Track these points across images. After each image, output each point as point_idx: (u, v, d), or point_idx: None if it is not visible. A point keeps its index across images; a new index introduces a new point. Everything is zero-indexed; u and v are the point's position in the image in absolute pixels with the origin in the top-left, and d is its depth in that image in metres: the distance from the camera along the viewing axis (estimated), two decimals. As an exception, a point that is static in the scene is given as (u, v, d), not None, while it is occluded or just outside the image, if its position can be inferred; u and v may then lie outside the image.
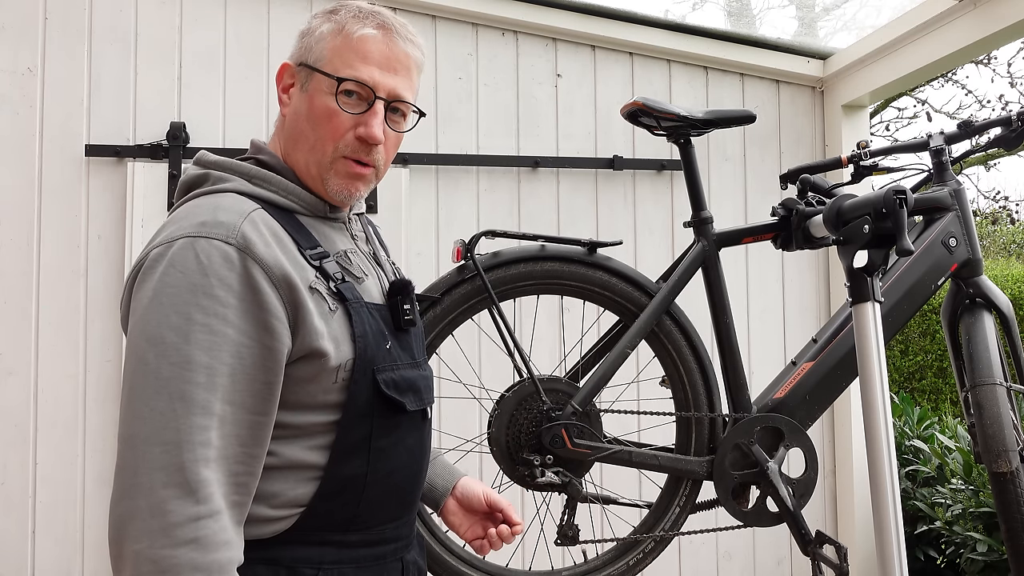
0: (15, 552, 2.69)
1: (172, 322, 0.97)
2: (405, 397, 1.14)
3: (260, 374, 1.01)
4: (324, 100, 1.13)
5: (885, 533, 1.64)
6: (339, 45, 1.13)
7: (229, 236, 1.01)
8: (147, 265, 1.02)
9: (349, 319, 1.09)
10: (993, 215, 8.71)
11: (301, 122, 1.15)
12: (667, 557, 2.99)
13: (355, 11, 1.16)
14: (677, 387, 1.88)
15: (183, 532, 0.93)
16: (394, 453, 1.14)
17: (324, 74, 1.13)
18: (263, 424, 1.02)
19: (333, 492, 1.08)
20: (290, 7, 2.96)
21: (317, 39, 1.15)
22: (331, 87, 1.13)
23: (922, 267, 1.91)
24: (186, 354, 0.96)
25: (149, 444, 0.94)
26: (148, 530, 0.92)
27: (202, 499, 0.94)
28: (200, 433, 0.95)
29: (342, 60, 1.13)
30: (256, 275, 1.01)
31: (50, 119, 2.80)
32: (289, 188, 1.14)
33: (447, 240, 3.00)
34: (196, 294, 0.98)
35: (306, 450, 1.07)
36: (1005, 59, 9.16)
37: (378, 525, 1.14)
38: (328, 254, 1.12)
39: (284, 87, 1.18)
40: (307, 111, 1.14)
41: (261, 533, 1.04)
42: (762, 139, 3.25)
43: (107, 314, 2.78)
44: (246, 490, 1.01)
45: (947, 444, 3.27)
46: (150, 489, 0.93)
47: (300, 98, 1.16)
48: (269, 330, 1.01)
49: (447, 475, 1.42)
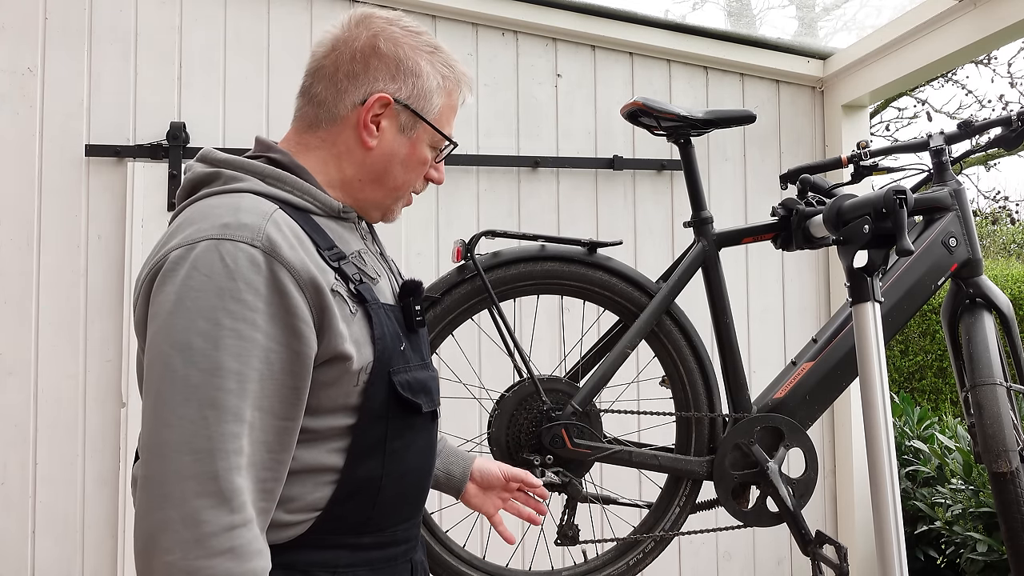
0: (15, 552, 2.69)
1: (200, 327, 0.95)
2: (419, 398, 1.13)
3: (288, 379, 1.00)
4: (424, 151, 1.20)
5: (885, 533, 1.64)
6: (447, 107, 1.22)
7: (255, 239, 0.99)
8: (167, 267, 0.99)
9: (369, 321, 1.08)
10: (993, 215, 8.70)
11: (394, 164, 1.18)
12: (667, 557, 2.99)
13: (456, 69, 1.22)
14: (677, 387, 1.88)
15: (219, 542, 0.91)
16: (407, 454, 1.13)
17: (438, 132, 1.20)
18: (290, 430, 1.01)
19: (349, 495, 1.07)
20: (290, 7, 2.96)
21: (426, 91, 1.18)
22: (435, 143, 1.21)
23: (922, 267, 1.91)
24: (216, 360, 0.94)
25: (180, 453, 0.92)
26: (181, 541, 0.90)
27: (236, 508, 0.93)
28: (232, 441, 0.94)
29: (447, 120, 1.22)
30: (283, 278, 0.99)
31: (50, 119, 2.80)
32: (304, 188, 1.12)
33: (447, 240, 3.00)
34: (224, 298, 0.96)
35: (325, 453, 1.06)
36: (1005, 59, 9.17)
37: (391, 527, 1.14)
38: (345, 255, 1.11)
39: (375, 118, 1.16)
40: (406, 156, 1.18)
41: (277, 538, 1.03)
42: (762, 139, 3.25)
43: (107, 314, 2.78)
44: (272, 496, 1.00)
45: (947, 444, 3.27)
46: (182, 499, 0.91)
47: (399, 141, 1.17)
48: (297, 334, 1.00)
49: (461, 460, 1.46)
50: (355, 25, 1.17)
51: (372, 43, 1.15)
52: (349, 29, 1.17)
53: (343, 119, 1.15)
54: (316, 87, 1.16)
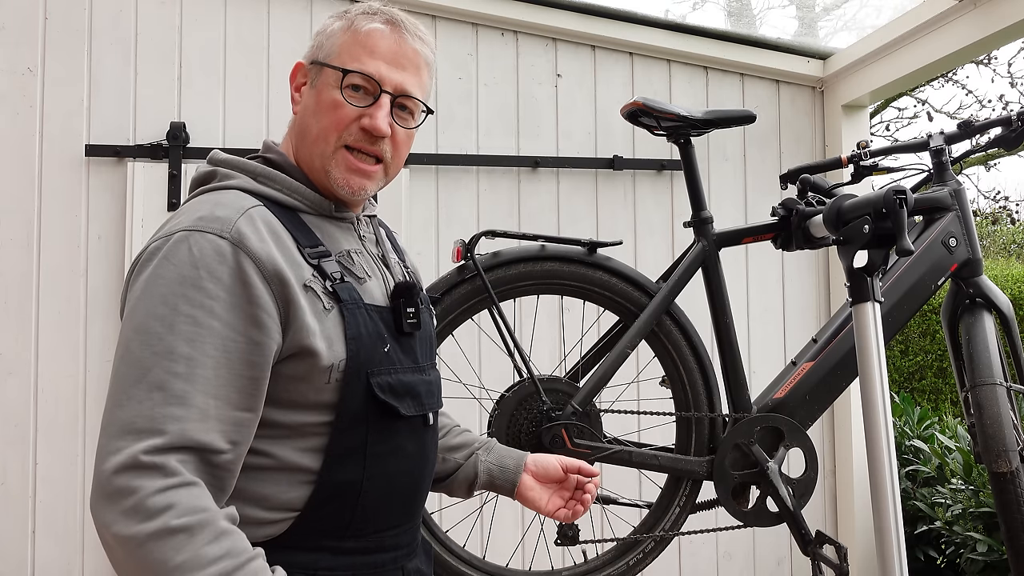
0: (15, 552, 2.69)
1: (158, 312, 0.98)
2: (401, 402, 1.12)
3: (246, 369, 1.00)
4: (331, 93, 1.14)
5: (885, 533, 1.64)
6: (348, 40, 1.15)
7: (223, 230, 1.02)
8: (144, 257, 1.04)
9: (343, 319, 1.08)
10: (993, 215, 8.70)
11: (308, 117, 1.17)
12: (667, 557, 2.99)
13: (366, 8, 1.18)
14: (677, 387, 1.88)
15: (153, 502, 0.92)
16: (392, 459, 1.12)
17: (332, 67, 1.14)
18: (248, 421, 1.02)
19: (327, 497, 1.07)
20: (290, 7, 2.96)
21: (328, 36, 1.18)
22: (337, 80, 1.14)
23: (922, 267, 1.91)
24: (168, 344, 0.97)
25: (124, 431, 0.95)
26: (119, 511, 0.92)
27: (170, 474, 0.93)
28: (174, 423, 0.95)
29: (350, 54, 1.14)
30: (248, 269, 1.01)
31: (50, 119, 2.80)
32: (293, 186, 1.15)
33: (447, 240, 3.00)
34: (184, 285, 0.99)
35: (299, 452, 1.06)
36: (1005, 59, 9.17)
37: (375, 532, 1.13)
38: (329, 253, 1.12)
39: (296, 86, 1.20)
40: (314, 105, 1.16)
41: (254, 536, 1.03)
42: (762, 139, 3.25)
43: (107, 314, 2.78)
44: (224, 485, 1.01)
45: (947, 444, 3.27)
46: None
47: (309, 94, 1.18)
48: (257, 324, 1.01)
49: (512, 454, 1.40)
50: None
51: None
52: None
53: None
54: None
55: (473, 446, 1.41)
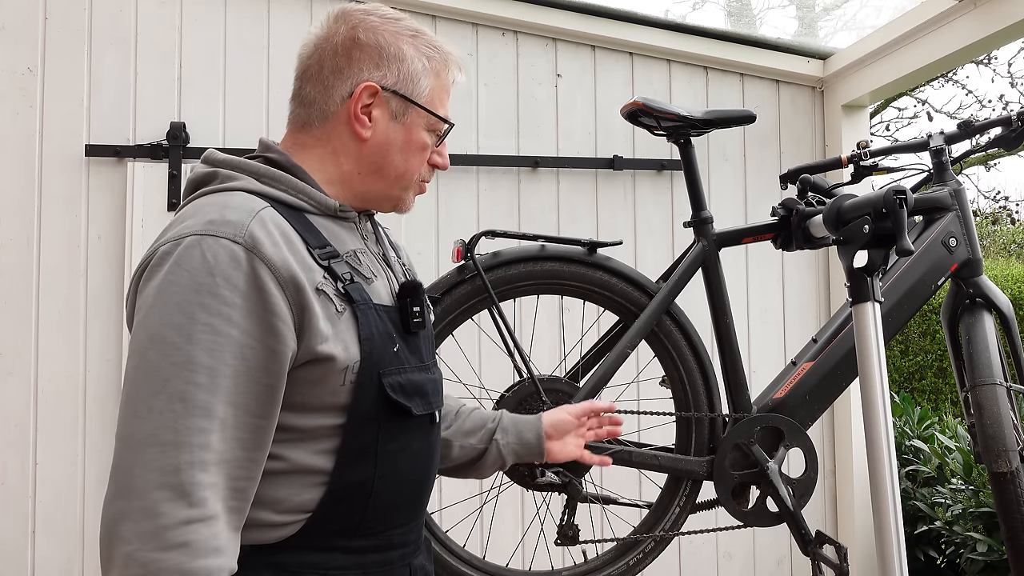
0: (15, 552, 2.69)
1: (175, 321, 0.96)
2: (412, 401, 1.12)
3: (263, 376, 1.00)
4: (421, 135, 1.19)
5: (885, 533, 1.64)
6: (438, 88, 1.20)
7: (237, 235, 1.00)
8: (154, 262, 1.01)
9: (356, 321, 1.08)
10: (993, 215, 8.70)
11: (393, 152, 1.17)
12: (667, 557, 2.99)
13: (441, 49, 1.22)
14: (677, 387, 1.88)
15: (173, 536, 0.91)
16: (401, 458, 1.13)
17: (431, 114, 1.18)
18: (265, 428, 1.01)
19: (339, 497, 1.07)
20: (290, 7, 2.96)
21: (413, 74, 1.17)
22: (428, 124, 1.19)
23: (922, 267, 1.91)
24: (188, 354, 0.95)
25: (146, 445, 0.93)
26: (139, 532, 0.91)
27: (196, 503, 0.93)
28: (199, 436, 0.94)
29: (440, 100, 1.20)
30: (263, 275, 1.00)
31: (50, 119, 2.80)
32: (299, 187, 1.13)
33: (447, 240, 3.00)
34: (200, 293, 0.97)
35: (312, 454, 1.06)
36: (1005, 59, 9.17)
37: (385, 531, 1.13)
38: (338, 254, 1.11)
39: (365, 108, 1.15)
40: (403, 143, 1.17)
41: (266, 538, 1.03)
42: (762, 139, 3.25)
43: (107, 314, 2.78)
44: (244, 495, 0.99)
45: (947, 444, 3.27)
46: (143, 491, 0.92)
47: (393, 128, 1.17)
48: (274, 332, 1.00)
49: (532, 425, 1.47)
50: (334, 21, 1.18)
51: (352, 35, 1.16)
52: (329, 26, 1.19)
53: (335, 115, 1.15)
54: (305, 88, 1.17)
55: (488, 426, 1.44)
